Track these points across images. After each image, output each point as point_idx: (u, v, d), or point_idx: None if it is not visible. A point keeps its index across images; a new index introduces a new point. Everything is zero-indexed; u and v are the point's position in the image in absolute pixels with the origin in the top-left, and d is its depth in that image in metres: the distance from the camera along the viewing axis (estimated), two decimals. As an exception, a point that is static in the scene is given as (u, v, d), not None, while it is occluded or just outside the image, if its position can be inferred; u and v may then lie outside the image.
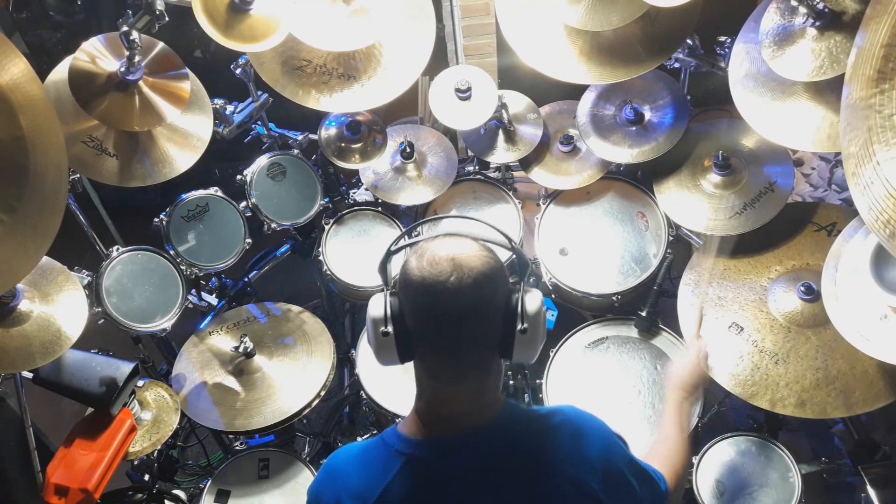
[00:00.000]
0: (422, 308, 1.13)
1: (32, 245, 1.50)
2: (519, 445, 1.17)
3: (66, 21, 3.58)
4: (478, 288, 1.09)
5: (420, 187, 2.58)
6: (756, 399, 1.93)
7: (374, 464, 1.19)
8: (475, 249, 1.13)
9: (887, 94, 1.29)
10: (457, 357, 1.14)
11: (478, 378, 1.17)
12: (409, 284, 1.13)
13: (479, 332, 1.13)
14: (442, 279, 1.08)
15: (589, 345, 2.37)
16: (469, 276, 1.09)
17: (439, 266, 1.09)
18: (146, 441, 2.04)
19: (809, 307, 1.97)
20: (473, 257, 1.11)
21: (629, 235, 2.47)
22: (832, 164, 2.79)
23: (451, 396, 1.18)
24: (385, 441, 1.21)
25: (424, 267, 1.10)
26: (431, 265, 1.10)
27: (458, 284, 1.08)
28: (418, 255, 1.13)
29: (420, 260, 1.12)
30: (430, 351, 1.15)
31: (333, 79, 2.31)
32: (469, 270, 1.09)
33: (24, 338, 1.77)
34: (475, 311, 1.11)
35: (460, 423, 1.18)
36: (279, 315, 2.46)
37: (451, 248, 1.12)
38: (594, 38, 2.20)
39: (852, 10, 1.73)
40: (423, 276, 1.10)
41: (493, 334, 1.15)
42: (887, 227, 1.29)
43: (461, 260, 1.10)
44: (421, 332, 1.14)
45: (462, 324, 1.11)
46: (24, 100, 1.45)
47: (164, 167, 2.14)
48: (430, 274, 1.09)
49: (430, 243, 1.14)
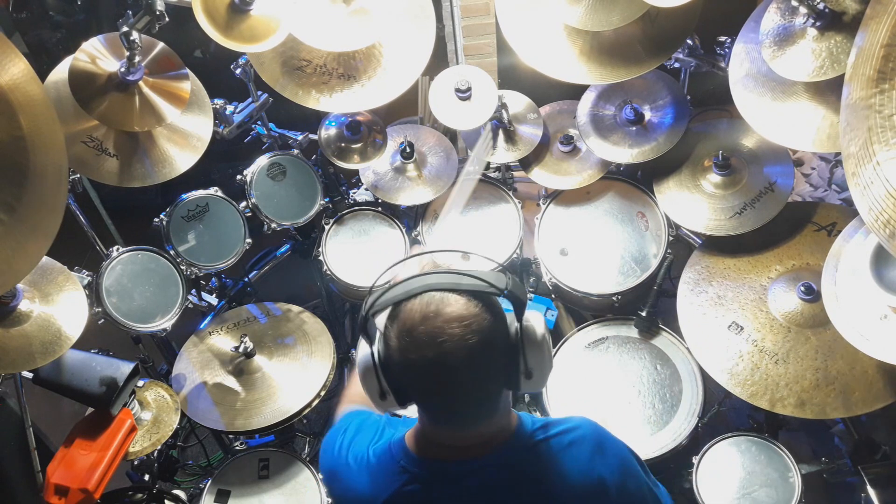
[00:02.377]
0: (414, 381, 1.07)
1: (32, 245, 1.50)
2: (526, 471, 1.12)
3: (66, 21, 3.57)
4: (470, 356, 1.00)
5: (420, 187, 2.58)
6: (756, 399, 1.93)
7: (381, 474, 1.17)
8: (461, 311, 1.00)
9: (887, 94, 1.29)
10: (464, 414, 1.10)
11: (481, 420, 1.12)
12: (396, 361, 1.05)
13: (478, 392, 1.07)
14: (427, 360, 1.00)
15: (589, 345, 2.37)
16: (459, 353, 0.99)
17: (421, 347, 1.00)
18: (146, 441, 2.03)
19: (809, 307, 1.97)
20: (455, 326, 0.99)
21: (629, 235, 2.47)
22: (832, 164, 2.78)
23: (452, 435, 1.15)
24: (392, 451, 1.18)
25: (407, 349, 1.01)
26: (415, 347, 1.00)
27: (448, 363, 1.00)
28: (396, 330, 1.03)
29: (399, 338, 1.02)
30: (429, 405, 1.12)
31: (333, 79, 2.31)
32: (454, 343, 0.99)
33: (24, 338, 1.77)
34: (470, 375, 1.03)
35: (468, 449, 1.14)
36: (279, 315, 2.46)
37: (429, 320, 1.00)
38: (594, 38, 2.20)
39: (852, 10, 1.73)
40: (408, 357, 1.02)
41: (496, 386, 1.09)
42: (887, 227, 1.29)
43: (447, 340, 0.99)
44: (418, 395, 1.10)
45: (459, 389, 1.05)
46: (24, 100, 1.45)
47: (164, 167, 2.14)
48: (416, 356, 1.01)
49: (410, 314, 1.02)
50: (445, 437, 1.15)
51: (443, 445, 1.15)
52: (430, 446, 1.16)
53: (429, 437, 1.17)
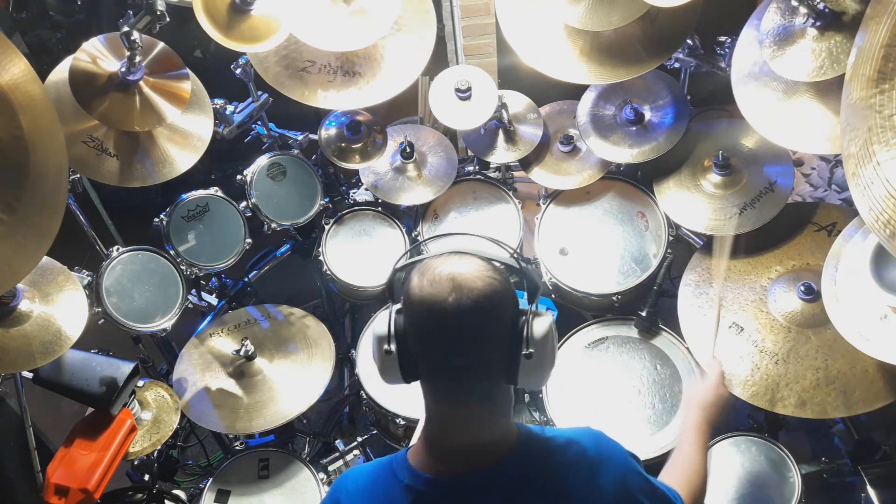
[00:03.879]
0: (421, 329, 1.09)
1: (32, 245, 1.50)
2: (532, 486, 1.12)
3: (66, 21, 3.57)
4: (478, 310, 1.05)
5: (420, 187, 2.58)
6: (756, 399, 1.93)
7: (382, 496, 1.15)
8: (479, 269, 1.08)
9: (887, 95, 1.29)
10: (458, 380, 1.10)
11: (482, 403, 1.12)
12: (410, 304, 1.10)
13: (479, 355, 1.09)
14: (440, 299, 1.05)
15: (589, 345, 2.37)
16: (469, 297, 1.04)
17: (439, 286, 1.05)
18: (146, 441, 2.04)
19: (809, 307, 1.97)
20: (475, 277, 1.06)
21: (629, 235, 2.47)
22: (832, 164, 2.78)
23: (456, 423, 1.14)
24: (394, 470, 1.16)
25: (425, 286, 1.07)
26: (432, 285, 1.06)
27: (457, 305, 1.04)
28: (420, 273, 1.09)
29: (421, 279, 1.08)
30: (431, 372, 1.12)
31: (337, 77, 2.31)
32: (469, 291, 1.05)
33: (24, 338, 1.77)
34: (474, 333, 1.07)
35: (471, 458, 1.12)
36: (280, 319, 2.45)
37: (453, 267, 1.08)
38: (594, 38, 2.20)
39: (852, 10, 1.73)
40: (422, 296, 1.07)
41: (497, 359, 1.10)
42: (887, 228, 1.29)
43: (462, 280, 1.05)
44: (421, 352, 1.11)
45: (461, 346, 1.07)
46: (24, 100, 1.45)
47: (164, 167, 2.14)
48: (430, 294, 1.06)
49: (433, 261, 1.10)
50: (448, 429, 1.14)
51: (449, 451, 1.13)
52: (436, 458, 1.14)
53: (432, 443, 1.15)
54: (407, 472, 1.14)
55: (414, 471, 1.14)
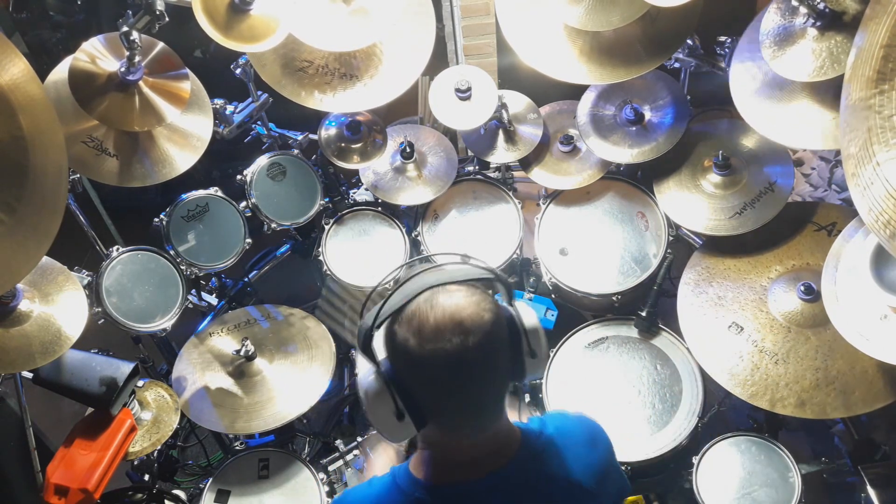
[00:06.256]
0: (438, 382, 1.04)
1: (32, 245, 1.50)
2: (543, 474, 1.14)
3: (66, 21, 3.57)
4: (486, 341, 1.02)
5: (420, 187, 2.58)
6: (756, 399, 1.94)
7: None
8: (469, 300, 1.04)
9: (887, 95, 1.29)
10: (481, 412, 1.09)
11: (493, 422, 1.12)
12: (415, 364, 1.03)
13: (493, 378, 1.08)
14: (448, 350, 1.00)
15: (589, 345, 2.37)
16: (475, 335, 1.01)
17: (440, 336, 1.00)
18: (146, 441, 2.03)
19: (809, 307, 1.97)
20: (471, 313, 1.02)
21: (629, 235, 2.47)
22: (832, 164, 2.79)
23: (464, 447, 1.12)
24: (398, 485, 1.14)
25: (425, 342, 1.01)
26: (434, 338, 1.01)
27: (465, 348, 1.00)
28: (412, 329, 1.02)
29: (418, 335, 1.02)
30: (447, 415, 1.09)
31: (335, 79, 2.31)
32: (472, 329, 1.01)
33: (24, 338, 1.77)
34: (486, 362, 1.04)
35: (479, 466, 1.12)
36: (280, 319, 2.45)
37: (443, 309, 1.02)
38: (594, 38, 2.20)
39: (852, 10, 1.73)
40: (432, 353, 1.01)
41: (506, 369, 1.10)
42: (887, 228, 1.29)
43: (461, 321, 1.01)
44: (437, 403, 1.07)
45: (481, 380, 1.05)
46: (24, 100, 1.45)
47: (164, 167, 2.13)
48: (433, 349, 1.01)
49: (419, 309, 1.03)
50: (459, 451, 1.12)
51: (457, 464, 1.13)
52: (444, 469, 1.13)
53: (440, 460, 1.14)
54: (412, 483, 1.13)
55: (420, 481, 1.13)
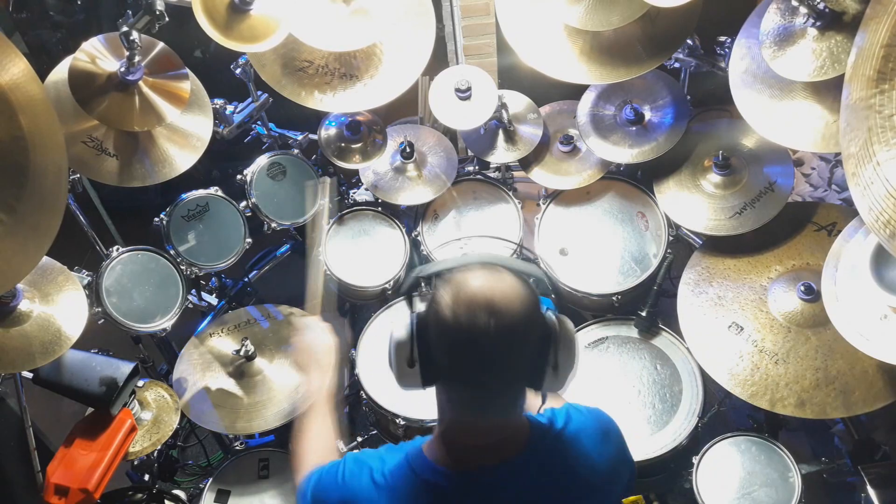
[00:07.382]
0: (452, 346, 1.07)
1: (32, 245, 1.50)
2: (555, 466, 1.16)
3: (66, 21, 3.57)
4: (514, 332, 1.05)
5: (420, 187, 2.58)
6: (756, 399, 1.93)
7: (401, 490, 1.14)
8: (514, 289, 1.06)
9: (887, 95, 1.29)
10: (482, 393, 1.10)
11: (505, 410, 1.13)
12: (440, 321, 1.06)
13: (510, 372, 1.09)
14: (478, 323, 1.02)
15: (589, 345, 2.37)
16: (506, 321, 1.03)
17: (475, 308, 1.03)
18: (146, 441, 2.03)
19: (809, 307, 1.97)
20: (512, 299, 1.05)
21: (629, 235, 2.47)
22: (832, 164, 2.78)
23: (475, 427, 1.14)
24: (411, 465, 1.15)
25: (460, 308, 1.04)
26: (468, 307, 1.03)
27: (494, 330, 1.02)
28: (452, 290, 1.06)
29: (455, 298, 1.05)
30: (457, 385, 1.11)
31: (335, 79, 2.31)
32: (507, 315, 1.03)
33: (24, 338, 1.77)
34: (508, 353, 1.06)
35: (490, 453, 1.13)
36: (280, 319, 2.45)
37: (488, 286, 1.05)
38: (594, 38, 2.20)
39: (852, 10, 1.73)
40: (456, 317, 1.04)
41: (525, 371, 1.11)
42: (887, 228, 1.29)
43: (499, 303, 1.03)
44: (447, 365, 1.09)
45: (493, 366, 1.06)
46: (24, 100, 1.45)
47: (164, 167, 2.13)
48: (465, 317, 1.03)
49: (464, 276, 1.07)
50: (471, 433, 1.14)
51: (467, 447, 1.14)
52: (454, 451, 1.14)
53: (451, 440, 1.15)
54: (425, 466, 1.15)
55: (432, 464, 1.15)
